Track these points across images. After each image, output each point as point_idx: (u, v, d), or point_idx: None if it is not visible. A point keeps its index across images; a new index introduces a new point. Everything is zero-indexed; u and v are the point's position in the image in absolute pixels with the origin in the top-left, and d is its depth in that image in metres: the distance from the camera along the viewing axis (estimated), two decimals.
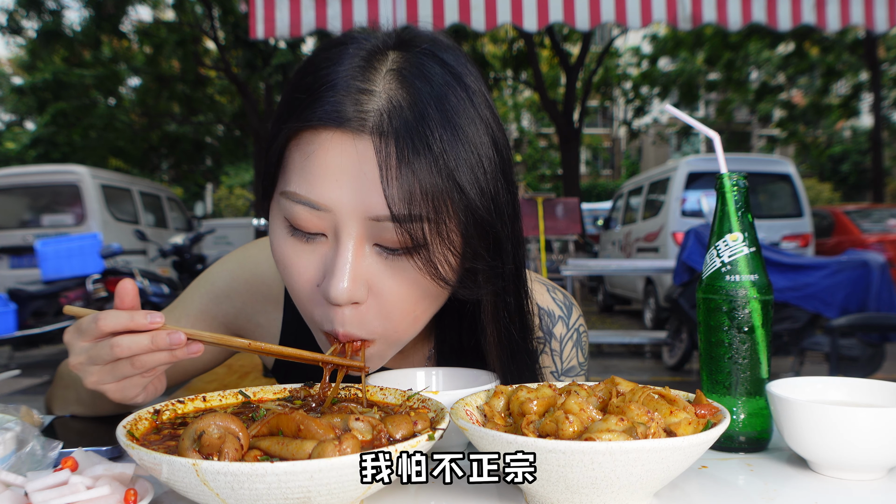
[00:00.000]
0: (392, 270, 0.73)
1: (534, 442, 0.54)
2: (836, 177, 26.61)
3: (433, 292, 0.76)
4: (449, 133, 0.70)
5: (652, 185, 9.13)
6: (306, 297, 0.76)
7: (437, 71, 0.73)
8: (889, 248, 7.70)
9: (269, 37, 4.28)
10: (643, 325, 8.66)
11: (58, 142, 15.80)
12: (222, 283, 1.01)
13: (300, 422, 0.58)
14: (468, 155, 0.71)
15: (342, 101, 0.69)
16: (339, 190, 0.70)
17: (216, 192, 31.42)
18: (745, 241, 0.78)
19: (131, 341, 0.67)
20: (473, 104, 0.74)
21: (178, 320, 0.99)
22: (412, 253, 0.71)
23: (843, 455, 0.67)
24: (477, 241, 0.74)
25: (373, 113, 0.69)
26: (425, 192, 0.68)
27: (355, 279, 0.71)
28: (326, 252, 0.74)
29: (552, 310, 0.99)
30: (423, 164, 0.68)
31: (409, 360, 0.99)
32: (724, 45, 16.28)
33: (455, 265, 0.75)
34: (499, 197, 0.76)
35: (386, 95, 0.70)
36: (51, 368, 6.89)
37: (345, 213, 0.70)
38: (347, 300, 0.71)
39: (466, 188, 0.71)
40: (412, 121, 0.69)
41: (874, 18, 4.41)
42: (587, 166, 34.47)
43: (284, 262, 0.76)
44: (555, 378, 0.99)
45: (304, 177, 0.71)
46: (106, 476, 0.60)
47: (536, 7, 4.27)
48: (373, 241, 0.72)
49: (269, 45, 13.54)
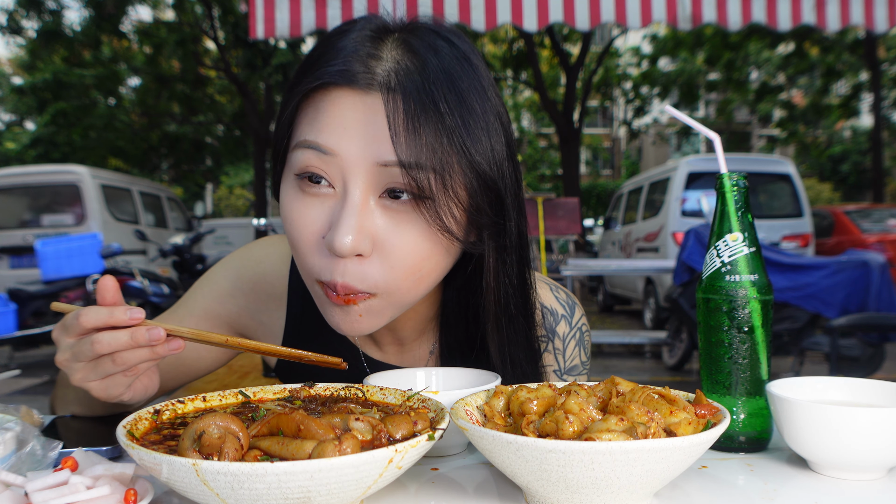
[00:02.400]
0: (398, 225, 0.74)
1: (534, 442, 0.54)
2: (836, 177, 26.61)
3: (438, 250, 0.77)
4: (454, 98, 0.73)
5: (652, 185, 9.13)
6: (310, 249, 0.76)
7: (443, 45, 0.76)
8: (889, 248, 7.70)
9: (269, 37, 4.28)
10: (643, 325, 8.66)
11: (58, 142, 15.80)
12: (226, 282, 1.02)
13: (300, 422, 0.58)
14: (473, 120, 0.74)
15: (351, 62, 0.73)
16: (347, 138, 0.72)
17: (216, 192, 31.43)
18: (745, 241, 0.78)
19: (111, 337, 0.68)
20: (478, 78, 0.77)
21: (181, 320, 1.00)
22: (418, 203, 0.73)
23: (843, 455, 0.67)
24: (481, 197, 0.77)
25: (381, 73, 0.72)
26: (431, 146, 0.71)
27: (360, 230, 0.72)
28: (333, 205, 0.75)
29: (555, 308, 1.00)
30: (430, 121, 0.71)
31: (411, 354, 0.99)
32: (724, 45, 16.28)
33: (460, 219, 0.76)
34: (503, 163, 0.79)
35: (394, 60, 0.74)
36: (51, 368, 6.89)
37: (352, 161, 0.72)
38: (351, 251, 0.72)
39: (470, 148, 0.74)
40: (419, 82, 0.72)
41: (874, 18, 4.41)
42: (587, 166, 34.48)
43: (291, 216, 0.77)
44: (557, 377, 0.99)
45: (314, 126, 0.74)
46: (106, 476, 0.60)
47: (536, 7, 4.27)
48: (379, 190, 0.74)
49: (269, 45, 13.55)
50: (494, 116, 0.78)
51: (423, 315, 0.95)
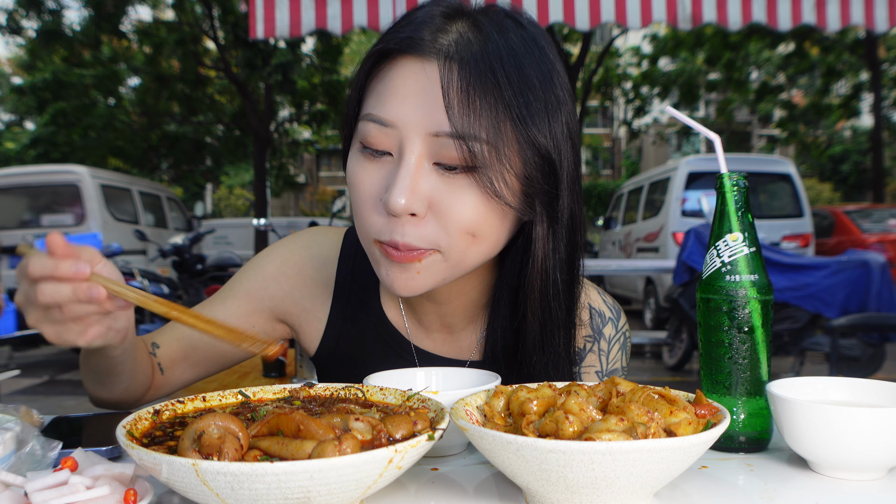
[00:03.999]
0: (451, 188, 0.77)
1: (534, 442, 0.54)
2: (837, 177, 26.59)
3: (492, 215, 0.79)
4: (514, 72, 0.76)
5: (652, 185, 9.13)
6: (368, 209, 0.81)
7: (511, 25, 0.80)
8: (889, 248, 7.69)
9: (269, 37, 4.28)
10: (643, 325, 8.65)
11: (57, 142, 15.79)
12: (272, 266, 1.03)
13: (300, 422, 0.58)
14: (533, 95, 0.77)
15: (418, 31, 0.77)
16: (405, 108, 0.76)
17: (216, 192, 31.42)
18: (745, 241, 0.78)
19: (53, 290, 0.69)
20: (544, 61, 0.79)
21: (223, 301, 1.02)
22: (470, 171, 0.76)
23: (843, 455, 0.67)
24: (535, 168, 0.79)
25: (444, 43, 0.76)
26: (485, 115, 0.74)
27: (414, 191, 0.76)
28: (391, 169, 0.78)
29: (603, 311, 1.02)
30: (486, 91, 0.74)
31: (459, 342, 1.00)
32: (724, 45, 16.27)
33: (514, 187, 0.79)
34: (560, 142, 0.80)
35: (457, 33, 0.77)
36: (51, 368, 6.89)
37: (409, 129, 0.76)
38: (405, 210, 0.75)
39: (527, 118, 0.76)
40: (479, 53, 0.75)
41: (874, 18, 4.40)
42: (587, 166, 34.46)
43: (354, 180, 0.82)
44: (598, 377, 1.01)
45: (378, 98, 0.79)
46: (106, 476, 0.60)
47: (536, 7, 4.27)
48: (433, 158, 0.77)
49: (269, 45, 13.53)
50: (556, 99, 0.80)
51: (474, 301, 0.97)
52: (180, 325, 0.99)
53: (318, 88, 16.73)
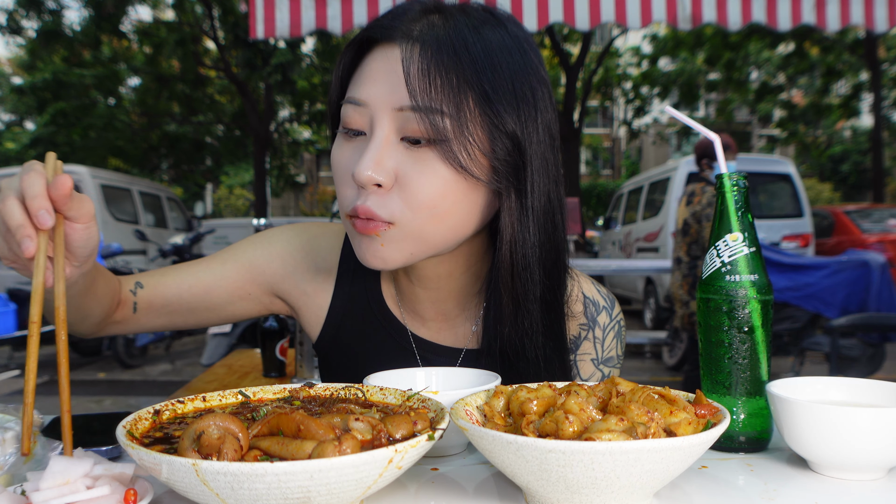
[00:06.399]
0: (417, 161, 0.81)
1: (534, 442, 0.54)
2: (836, 177, 26.59)
3: (457, 189, 0.82)
4: (480, 51, 0.80)
5: (652, 185, 9.13)
6: (343, 185, 0.85)
7: (490, 19, 0.84)
8: (889, 248, 7.69)
9: (269, 37, 4.27)
10: (643, 325, 8.66)
11: (57, 142, 15.77)
12: (280, 245, 1.06)
13: (300, 422, 0.58)
14: (498, 74, 0.80)
15: (394, 21, 0.82)
16: (374, 87, 0.81)
17: (216, 192, 31.41)
18: (745, 241, 0.78)
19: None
20: (515, 47, 0.83)
21: (223, 262, 1.04)
22: (434, 144, 0.80)
23: (843, 455, 0.67)
24: (500, 145, 0.82)
25: (413, 29, 0.81)
26: (446, 90, 0.78)
27: (380, 162, 0.80)
28: (364, 145, 0.83)
29: (597, 300, 1.04)
30: (447, 68, 0.78)
31: (454, 330, 1.01)
32: (724, 45, 16.26)
33: (478, 160, 0.81)
34: (528, 121, 0.83)
35: (428, 21, 0.82)
36: (51, 368, 6.89)
37: (377, 106, 0.81)
38: (370, 180, 0.79)
39: (490, 92, 0.79)
40: (443, 36, 0.80)
41: (874, 18, 4.40)
42: (587, 166, 34.45)
43: (333, 161, 0.87)
44: (594, 365, 1.02)
45: (354, 83, 0.84)
46: (106, 476, 0.60)
47: (536, 7, 4.27)
48: (400, 133, 0.81)
49: (269, 45, 13.53)
50: (531, 95, 0.83)
51: (465, 287, 0.98)
52: (172, 271, 1.02)
53: (318, 88, 16.74)
